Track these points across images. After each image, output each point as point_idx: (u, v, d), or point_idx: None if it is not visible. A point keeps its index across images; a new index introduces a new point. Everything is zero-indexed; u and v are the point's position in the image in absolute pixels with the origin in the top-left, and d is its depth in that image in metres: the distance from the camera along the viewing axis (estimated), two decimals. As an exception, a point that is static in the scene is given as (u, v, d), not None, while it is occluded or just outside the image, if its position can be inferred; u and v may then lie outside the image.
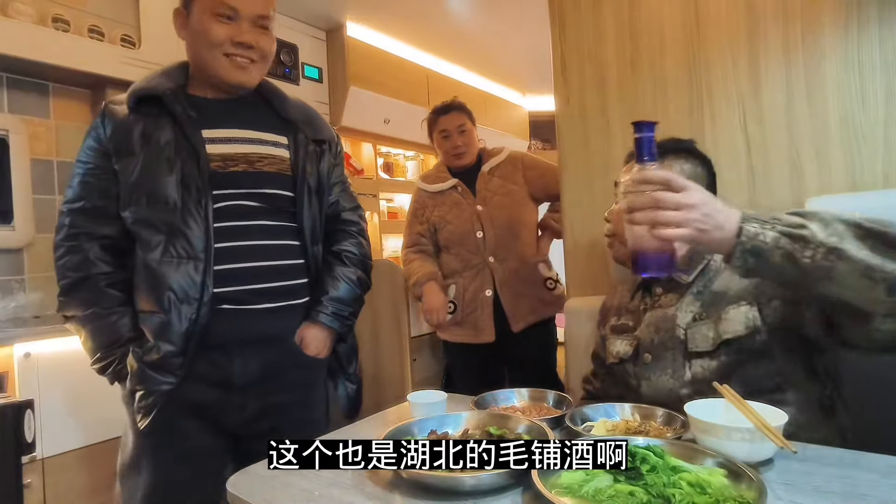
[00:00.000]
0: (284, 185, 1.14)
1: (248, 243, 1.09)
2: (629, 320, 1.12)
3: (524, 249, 2.02)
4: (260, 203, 1.11)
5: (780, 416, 0.75)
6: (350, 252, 1.24)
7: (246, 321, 1.08)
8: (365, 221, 1.33)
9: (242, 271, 1.07)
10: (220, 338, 1.06)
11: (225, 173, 1.08)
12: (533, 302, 1.98)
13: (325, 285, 1.18)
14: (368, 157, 3.09)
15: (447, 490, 0.71)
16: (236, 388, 1.08)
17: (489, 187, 2.02)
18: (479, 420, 0.90)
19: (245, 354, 1.08)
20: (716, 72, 1.33)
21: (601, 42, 1.50)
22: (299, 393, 1.16)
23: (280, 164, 1.14)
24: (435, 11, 2.53)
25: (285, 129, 1.18)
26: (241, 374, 1.08)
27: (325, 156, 1.22)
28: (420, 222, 2.12)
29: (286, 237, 1.15)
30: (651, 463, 0.68)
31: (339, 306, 1.18)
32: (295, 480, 0.79)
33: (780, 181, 1.26)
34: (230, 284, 1.06)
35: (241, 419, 1.10)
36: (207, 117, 1.11)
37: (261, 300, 1.09)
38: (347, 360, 1.27)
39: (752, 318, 0.93)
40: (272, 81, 1.24)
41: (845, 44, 1.17)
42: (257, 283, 1.08)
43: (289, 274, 1.14)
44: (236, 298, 1.06)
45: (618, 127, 1.48)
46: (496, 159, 2.06)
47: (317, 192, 1.19)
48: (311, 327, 1.16)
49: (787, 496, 0.65)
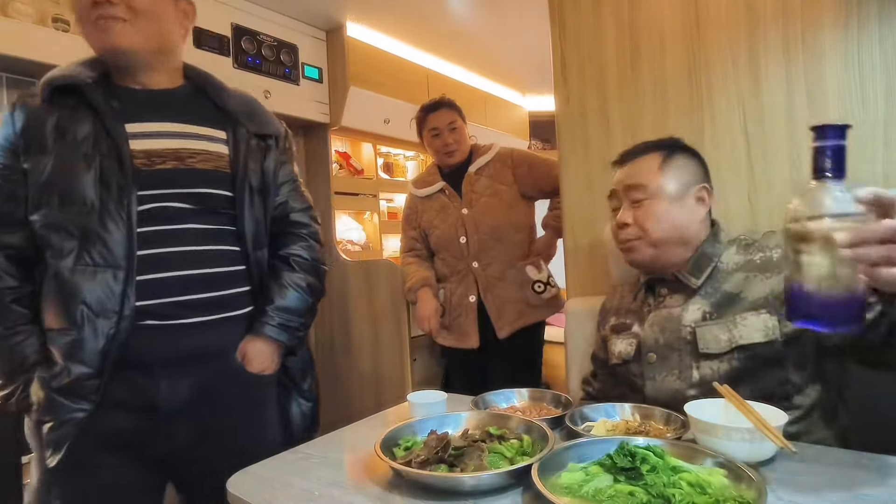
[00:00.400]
0: (222, 184, 1.03)
1: (176, 249, 0.97)
2: (628, 319, 1.11)
3: (511, 252, 1.96)
4: (192, 204, 1.00)
5: (780, 416, 0.75)
6: (299, 256, 1.14)
7: (174, 337, 0.96)
8: (318, 223, 1.23)
9: (170, 281, 0.96)
10: (142, 357, 0.94)
11: (151, 171, 0.96)
12: (520, 306, 1.93)
13: (270, 294, 1.08)
14: (368, 157, 3.09)
15: (447, 490, 0.71)
16: (163, 414, 0.96)
17: (475, 189, 1.97)
18: (479, 420, 0.90)
19: (173, 375, 0.97)
20: (716, 72, 1.33)
21: (601, 42, 1.50)
22: (244, 415, 1.06)
23: (217, 160, 1.03)
24: (435, 11, 2.53)
25: (224, 122, 1.07)
26: (169, 398, 0.96)
27: (271, 152, 1.12)
28: (412, 227, 2.11)
29: (224, 242, 1.04)
30: (651, 463, 0.68)
31: (287, 316, 1.08)
32: (295, 480, 0.79)
33: (780, 181, 1.26)
34: (155, 296, 0.94)
35: (172, 448, 0.99)
36: (133, 110, 0.99)
37: (191, 313, 0.97)
38: (301, 376, 1.17)
39: (771, 328, 0.92)
40: (211, 73, 1.14)
41: (845, 43, 1.17)
42: (188, 295, 0.97)
43: (226, 283, 1.03)
44: (162, 312, 0.95)
45: (618, 127, 1.48)
46: (483, 158, 2.00)
47: (260, 192, 1.08)
48: (254, 341, 1.05)
49: (787, 496, 0.65)
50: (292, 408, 1.14)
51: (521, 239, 1.99)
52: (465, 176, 1.98)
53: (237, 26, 2.23)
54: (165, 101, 1.04)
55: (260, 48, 2.30)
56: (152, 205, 0.96)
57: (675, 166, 1.04)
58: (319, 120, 2.59)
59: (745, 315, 0.94)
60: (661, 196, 1.02)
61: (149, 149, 0.97)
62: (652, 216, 1.02)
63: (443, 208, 2.00)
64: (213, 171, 1.02)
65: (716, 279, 1.01)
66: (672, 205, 1.02)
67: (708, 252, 1.02)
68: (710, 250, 1.03)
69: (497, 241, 1.94)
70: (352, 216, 3.01)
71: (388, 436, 0.83)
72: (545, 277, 1.97)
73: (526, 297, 1.94)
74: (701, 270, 1.02)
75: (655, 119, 1.41)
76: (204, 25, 2.10)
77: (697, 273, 1.02)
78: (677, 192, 1.02)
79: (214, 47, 2.14)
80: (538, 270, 1.97)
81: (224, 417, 1.03)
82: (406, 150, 3.38)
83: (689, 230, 1.03)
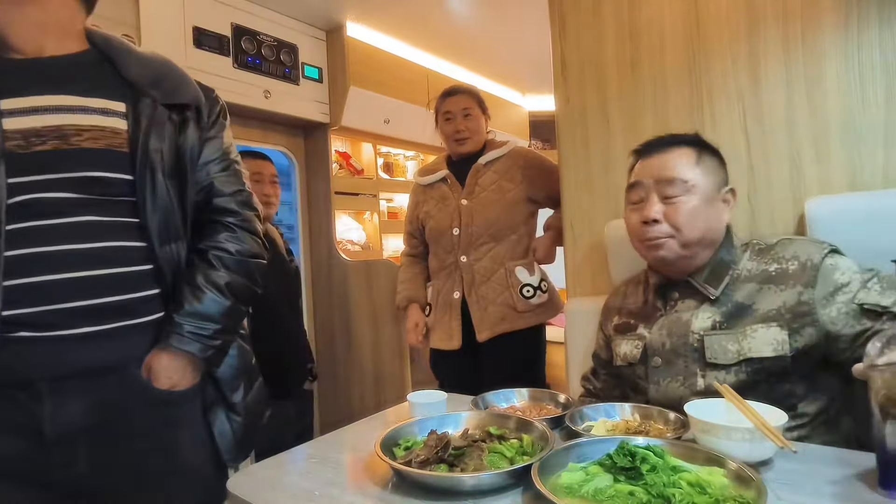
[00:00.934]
0: (118, 165, 0.86)
1: (58, 248, 0.82)
2: (633, 319, 1.09)
3: (503, 252, 1.84)
4: (79, 193, 0.84)
5: (781, 416, 0.75)
6: (222, 250, 0.96)
7: (56, 351, 0.82)
8: (252, 209, 1.03)
9: (48, 286, 0.81)
10: (16, 374, 0.81)
11: (26, 154, 0.81)
12: (503, 310, 1.79)
13: (180, 296, 0.91)
14: (368, 157, 3.09)
15: (447, 490, 0.71)
16: (51, 439, 0.82)
17: (480, 181, 1.87)
18: (479, 420, 0.90)
19: (61, 394, 0.82)
20: (716, 72, 1.33)
21: (601, 42, 1.50)
22: (156, 438, 0.90)
23: (112, 137, 0.86)
24: (435, 11, 2.53)
25: (124, 92, 0.90)
26: (57, 421, 0.82)
27: (189, 126, 0.94)
28: (411, 220, 2.05)
29: (122, 237, 0.87)
30: (651, 463, 0.68)
31: (199, 323, 0.90)
32: (295, 480, 0.79)
33: (779, 181, 1.26)
34: (29, 304, 0.80)
35: (70, 477, 0.84)
36: (8, 84, 0.84)
37: (79, 323, 0.83)
38: (231, 387, 0.98)
39: (780, 342, 0.90)
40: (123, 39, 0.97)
41: (845, 43, 1.17)
42: (73, 301, 0.82)
43: (126, 286, 0.87)
44: (38, 322, 0.81)
45: (618, 127, 1.48)
46: (496, 152, 1.90)
47: (171, 175, 0.91)
48: (159, 354, 0.89)
49: (787, 496, 0.65)
50: (217, 425, 0.96)
51: (516, 240, 1.86)
52: (473, 166, 1.89)
53: (237, 26, 2.23)
54: (50, 71, 0.88)
55: (260, 48, 2.30)
56: (27, 196, 0.81)
57: (710, 164, 1.00)
58: (319, 120, 2.59)
59: (755, 327, 0.92)
60: (697, 194, 0.97)
61: (25, 128, 0.82)
62: (687, 214, 0.96)
63: (442, 198, 1.92)
64: (104, 151, 0.85)
65: (729, 287, 0.98)
66: (707, 205, 0.97)
67: (725, 259, 0.99)
68: (728, 257, 0.99)
69: (490, 238, 1.83)
70: (352, 216, 3.01)
71: (388, 436, 0.83)
72: (536, 281, 1.83)
73: (512, 300, 1.80)
74: (719, 279, 0.98)
75: (655, 119, 1.41)
76: (204, 25, 2.10)
77: (715, 282, 0.98)
78: (711, 192, 0.98)
79: (214, 47, 2.14)
80: (530, 273, 1.83)
81: (132, 440, 0.88)
82: (406, 150, 3.38)
83: (716, 233, 0.99)
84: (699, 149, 1.00)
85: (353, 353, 2.61)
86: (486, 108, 1.97)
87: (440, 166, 1.98)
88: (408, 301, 2.00)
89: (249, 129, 2.50)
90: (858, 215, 1.07)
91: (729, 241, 1.01)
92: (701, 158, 0.99)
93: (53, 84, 0.85)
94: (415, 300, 2.00)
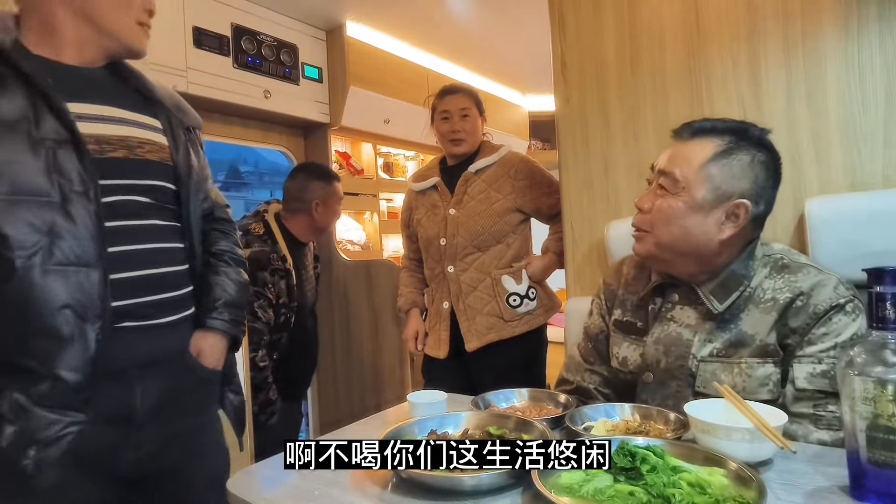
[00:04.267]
0: (167, 176, 0.97)
1: (140, 247, 0.92)
2: (636, 319, 1.06)
3: (489, 262, 1.81)
4: (147, 198, 0.93)
5: (780, 416, 0.75)
6: (233, 253, 1.11)
7: (150, 340, 0.92)
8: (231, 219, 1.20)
9: (140, 280, 0.91)
10: (118, 363, 0.88)
11: (102, 159, 0.87)
12: (491, 319, 1.79)
13: (213, 289, 1.04)
14: (368, 157, 3.09)
15: (447, 490, 0.70)
16: (135, 423, 0.90)
17: (469, 190, 1.83)
18: (479, 420, 0.90)
19: (147, 380, 0.92)
20: (716, 72, 1.33)
21: (601, 42, 1.50)
22: (197, 416, 1.02)
23: (160, 151, 0.96)
24: (435, 11, 2.53)
25: (156, 110, 0.99)
26: (144, 406, 0.91)
27: (196, 145, 1.07)
28: (407, 224, 2.04)
29: (174, 239, 0.99)
30: (651, 463, 0.68)
31: (236, 311, 1.06)
32: (295, 480, 0.78)
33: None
34: (131, 297, 0.89)
35: (134, 460, 0.91)
36: (70, 87, 0.87)
37: (162, 314, 0.94)
38: (232, 370, 1.12)
39: (775, 382, 0.88)
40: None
41: (845, 44, 1.17)
42: (157, 294, 0.93)
43: (181, 282, 1.00)
44: (138, 313, 0.90)
45: (618, 127, 1.48)
46: (487, 160, 1.85)
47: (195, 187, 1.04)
48: (206, 336, 1.01)
49: (787, 496, 0.65)
50: (224, 404, 1.11)
51: (503, 249, 1.83)
52: (463, 174, 1.85)
53: (237, 26, 2.23)
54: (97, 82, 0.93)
55: (260, 48, 2.30)
56: (113, 197, 0.88)
57: (726, 165, 0.89)
58: (319, 120, 2.59)
59: (750, 361, 0.88)
60: (685, 197, 0.89)
61: (97, 133, 0.87)
62: (661, 214, 0.91)
63: (433, 207, 1.89)
64: (160, 164, 0.96)
65: (737, 305, 0.91)
66: (693, 211, 0.89)
67: (739, 273, 0.91)
68: (743, 271, 0.91)
69: (475, 248, 1.81)
70: (352, 216, 3.02)
71: (388, 436, 0.83)
72: (523, 290, 1.81)
73: (499, 309, 1.80)
74: (727, 293, 0.91)
75: (655, 119, 1.41)
76: (204, 25, 2.10)
77: (722, 296, 0.91)
78: (706, 201, 0.89)
79: (214, 47, 2.14)
80: (517, 282, 1.81)
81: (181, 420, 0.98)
82: (406, 150, 3.38)
83: (706, 246, 0.91)
84: (730, 143, 0.90)
85: (352, 353, 2.61)
86: (483, 110, 1.94)
87: (432, 172, 1.95)
88: (409, 305, 2.01)
89: (249, 129, 2.50)
90: (858, 215, 1.07)
91: (748, 255, 0.93)
92: (719, 157, 0.89)
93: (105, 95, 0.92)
94: (416, 305, 2.01)
